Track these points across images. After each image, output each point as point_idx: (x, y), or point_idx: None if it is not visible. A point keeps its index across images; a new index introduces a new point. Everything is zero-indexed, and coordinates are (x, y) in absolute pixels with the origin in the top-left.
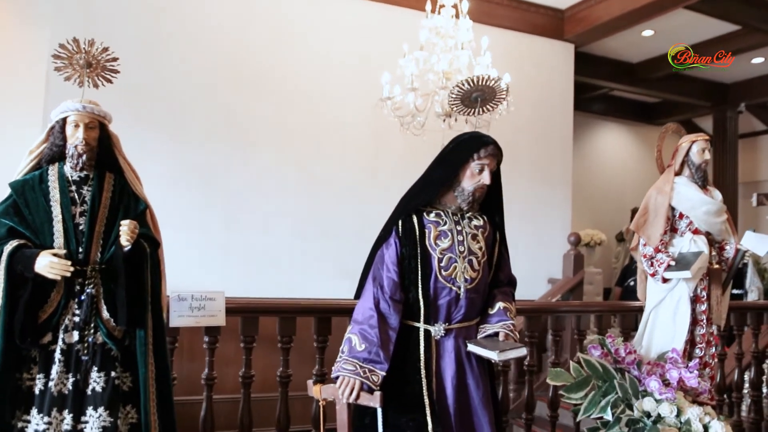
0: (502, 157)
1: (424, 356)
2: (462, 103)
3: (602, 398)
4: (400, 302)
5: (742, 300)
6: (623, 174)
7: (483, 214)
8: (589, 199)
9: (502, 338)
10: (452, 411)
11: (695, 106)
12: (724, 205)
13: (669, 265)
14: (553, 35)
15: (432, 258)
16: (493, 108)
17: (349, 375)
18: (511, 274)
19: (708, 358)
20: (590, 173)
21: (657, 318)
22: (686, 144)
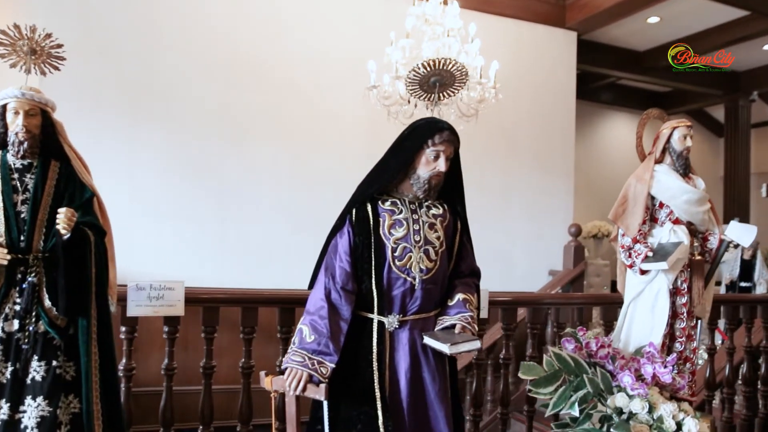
0: (459, 143)
1: (376, 348)
2: (420, 87)
3: (573, 393)
4: (352, 293)
5: (751, 293)
6: (633, 165)
7: (444, 203)
8: (597, 190)
9: (458, 330)
10: (406, 405)
11: (707, 95)
12: (707, 194)
13: (646, 255)
14: (554, 23)
15: (386, 247)
16: (454, 93)
17: (297, 366)
18: (475, 265)
19: (689, 352)
20: (598, 164)
21: (635, 311)
22: (667, 130)
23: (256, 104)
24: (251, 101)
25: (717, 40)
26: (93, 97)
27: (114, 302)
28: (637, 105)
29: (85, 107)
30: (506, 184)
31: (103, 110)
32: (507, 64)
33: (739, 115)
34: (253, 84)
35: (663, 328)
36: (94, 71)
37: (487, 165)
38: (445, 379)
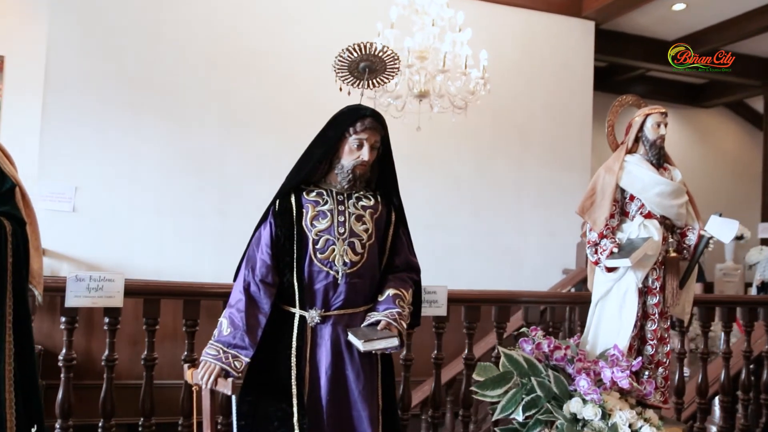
0: (386, 130)
1: (296, 343)
2: (350, 73)
3: (525, 397)
4: (272, 286)
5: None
6: None
7: (378, 195)
8: None
9: (381, 327)
10: (325, 403)
11: (745, 86)
12: (683, 186)
13: (612, 252)
14: (570, 12)
15: (307, 240)
16: (386, 81)
17: (211, 359)
18: (411, 259)
19: (661, 356)
20: None
21: (603, 311)
22: (639, 118)
23: (257, 98)
24: (253, 95)
25: (750, 26)
26: (95, 91)
27: (40, 292)
28: (672, 98)
29: (87, 101)
30: (519, 179)
31: (105, 104)
32: (520, 56)
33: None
34: (255, 78)
35: (630, 329)
36: (97, 65)
37: (499, 160)
38: (374, 379)
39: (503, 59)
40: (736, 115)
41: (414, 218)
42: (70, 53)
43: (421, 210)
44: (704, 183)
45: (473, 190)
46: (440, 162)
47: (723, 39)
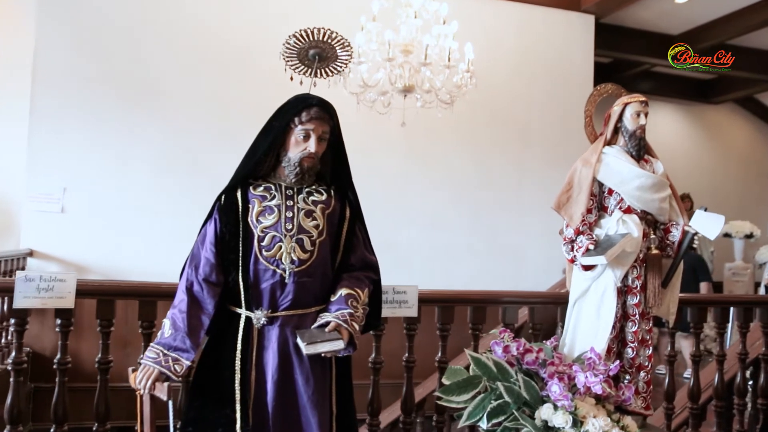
0: (335, 120)
1: (241, 346)
2: (300, 60)
3: (492, 403)
4: (216, 285)
5: None
6: (676, 158)
7: (332, 189)
8: None
9: (330, 329)
10: (271, 408)
11: (755, 81)
12: (665, 180)
13: (588, 249)
14: (569, 6)
15: (253, 236)
16: (339, 69)
17: (150, 363)
18: (368, 257)
19: (643, 359)
20: None
21: (581, 312)
22: (618, 107)
23: (246, 96)
24: (241, 93)
25: (755, 18)
26: (83, 91)
27: None
28: (680, 95)
29: (76, 101)
30: (519, 176)
31: (94, 104)
32: (519, 51)
33: None
34: (242, 76)
35: (608, 331)
36: (85, 65)
37: (498, 157)
38: (326, 382)
39: (502, 54)
40: (746, 111)
41: (409, 217)
42: (58, 53)
43: (417, 209)
44: (714, 181)
45: (472, 188)
46: (437, 160)
47: (728, 32)
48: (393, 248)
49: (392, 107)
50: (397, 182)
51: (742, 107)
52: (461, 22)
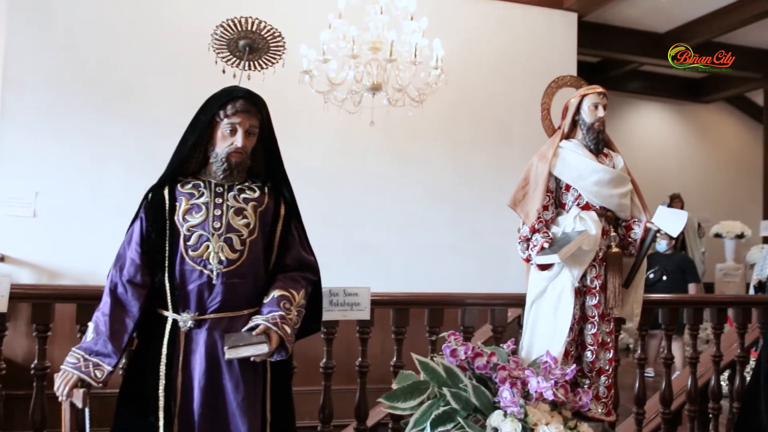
0: (265, 114)
1: (166, 350)
2: (231, 52)
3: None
4: (142, 286)
5: None
6: (665, 158)
7: (266, 187)
8: None
9: (258, 332)
10: (197, 416)
11: (746, 79)
12: (626, 174)
13: (542, 247)
14: (550, 4)
15: (179, 236)
16: (272, 62)
17: (70, 368)
18: (305, 257)
19: (603, 363)
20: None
21: (538, 313)
22: (575, 99)
23: None
24: None
25: (743, 14)
26: (55, 92)
27: None
28: (671, 94)
29: (47, 103)
30: (500, 176)
31: (66, 106)
32: (498, 50)
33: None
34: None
35: (565, 333)
36: (57, 66)
37: (479, 156)
38: (258, 388)
39: (482, 53)
40: (737, 110)
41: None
42: (28, 54)
43: (396, 210)
44: (705, 180)
45: (452, 188)
46: (416, 159)
47: (716, 29)
48: (371, 250)
49: (364, 106)
50: (375, 182)
51: (733, 106)
52: (440, 21)
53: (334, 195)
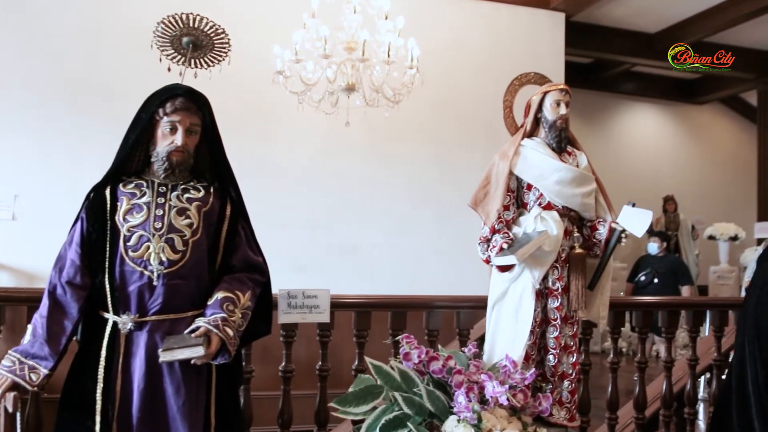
0: (207, 112)
1: (105, 353)
2: (175, 49)
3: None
4: (81, 288)
5: None
6: (659, 159)
7: (212, 186)
8: (618, 187)
9: (198, 334)
10: (136, 421)
11: (739, 80)
12: (590, 173)
13: (501, 248)
14: (537, 4)
15: (120, 236)
16: (217, 60)
17: (4, 371)
18: (253, 258)
19: (566, 367)
20: (619, 159)
21: (500, 316)
22: (537, 97)
23: None
24: None
25: (737, 12)
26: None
27: None
28: (664, 95)
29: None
30: None
31: (45, 108)
32: (484, 50)
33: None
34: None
35: (526, 336)
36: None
37: (464, 159)
38: (201, 392)
39: (468, 54)
40: (732, 111)
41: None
42: (6, 56)
43: (381, 212)
44: (699, 182)
45: (437, 190)
46: (401, 161)
47: (708, 29)
48: (354, 253)
49: (345, 107)
50: (359, 184)
51: (727, 107)
52: (424, 21)
53: (318, 197)
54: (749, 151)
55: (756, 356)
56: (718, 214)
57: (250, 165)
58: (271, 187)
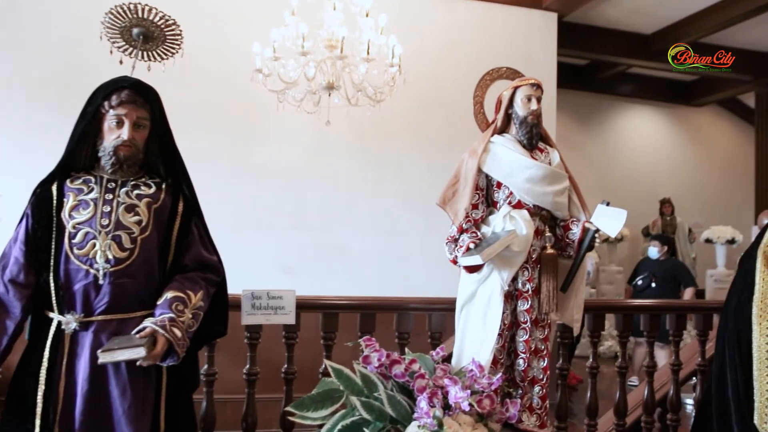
0: (156, 105)
1: (49, 354)
2: (124, 40)
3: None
4: (25, 287)
5: None
6: (656, 161)
7: (164, 183)
8: (615, 189)
9: (143, 335)
10: (78, 424)
11: (737, 82)
12: (562, 171)
13: (468, 248)
14: (529, 4)
15: (65, 233)
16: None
17: None
18: (206, 257)
19: (537, 372)
20: (616, 162)
21: (468, 318)
22: (508, 92)
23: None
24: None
25: (732, 12)
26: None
27: None
28: (662, 97)
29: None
30: None
31: (29, 107)
32: (476, 51)
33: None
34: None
35: (494, 340)
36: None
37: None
38: (149, 395)
39: (459, 55)
40: (730, 113)
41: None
42: None
43: (369, 213)
44: (697, 185)
45: (426, 192)
46: (389, 162)
47: (704, 29)
48: (342, 255)
49: (332, 107)
50: (347, 185)
51: (725, 109)
52: (415, 20)
53: (305, 197)
54: (747, 153)
55: (736, 362)
56: (715, 217)
57: (237, 165)
58: (258, 187)
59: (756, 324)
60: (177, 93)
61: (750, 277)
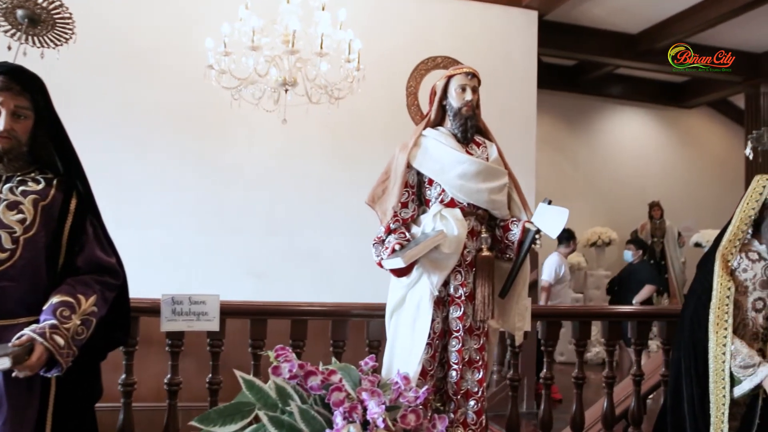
0: (40, 94)
1: None
2: (9, 23)
3: None
4: None
5: None
6: (645, 164)
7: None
8: (603, 193)
9: (19, 343)
10: None
11: (727, 83)
12: (500, 167)
13: (394, 249)
14: (508, 2)
15: None
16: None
17: None
18: (102, 258)
19: (471, 384)
20: (605, 165)
21: (398, 326)
22: (441, 82)
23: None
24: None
25: (721, 9)
26: None
27: None
28: (652, 99)
29: None
30: None
31: None
32: (452, 49)
33: (761, 102)
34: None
35: (422, 349)
36: None
37: None
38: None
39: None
40: (721, 115)
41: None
42: None
43: (342, 216)
44: (687, 187)
45: None
46: (366, 163)
47: (691, 28)
48: (313, 259)
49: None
50: (318, 187)
51: (716, 110)
52: (390, 17)
53: (275, 200)
54: (737, 155)
55: (692, 373)
56: (705, 221)
57: (204, 166)
58: (225, 189)
59: (713, 333)
60: (141, 93)
61: (708, 281)
